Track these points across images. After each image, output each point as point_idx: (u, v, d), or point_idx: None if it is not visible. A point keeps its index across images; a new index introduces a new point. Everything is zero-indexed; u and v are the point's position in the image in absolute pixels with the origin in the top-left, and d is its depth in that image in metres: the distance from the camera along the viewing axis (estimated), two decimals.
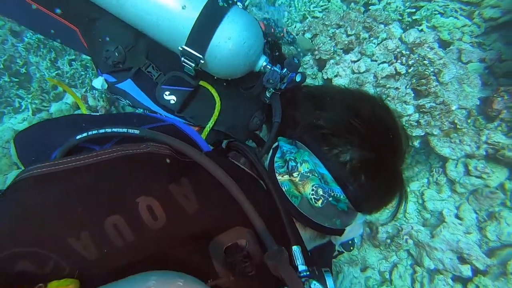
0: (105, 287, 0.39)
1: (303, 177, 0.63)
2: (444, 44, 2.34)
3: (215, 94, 0.97)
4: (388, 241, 2.07)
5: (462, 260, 1.90)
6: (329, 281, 0.48)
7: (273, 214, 0.58)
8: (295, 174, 0.63)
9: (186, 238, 0.49)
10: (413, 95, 2.07)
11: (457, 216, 2.08)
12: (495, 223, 1.93)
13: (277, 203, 0.60)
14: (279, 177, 0.65)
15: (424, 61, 2.01)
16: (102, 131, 0.57)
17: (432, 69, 2.02)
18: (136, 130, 0.57)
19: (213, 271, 0.47)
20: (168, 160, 0.55)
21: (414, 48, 2.04)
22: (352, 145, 0.63)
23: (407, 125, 2.06)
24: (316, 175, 0.63)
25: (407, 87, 2.06)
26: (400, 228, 2.05)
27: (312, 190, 0.62)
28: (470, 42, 2.34)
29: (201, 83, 0.98)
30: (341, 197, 0.62)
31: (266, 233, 0.51)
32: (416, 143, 2.18)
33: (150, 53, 0.96)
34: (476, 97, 2.18)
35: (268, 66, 0.89)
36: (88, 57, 2.61)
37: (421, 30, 2.25)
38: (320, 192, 0.62)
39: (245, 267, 0.49)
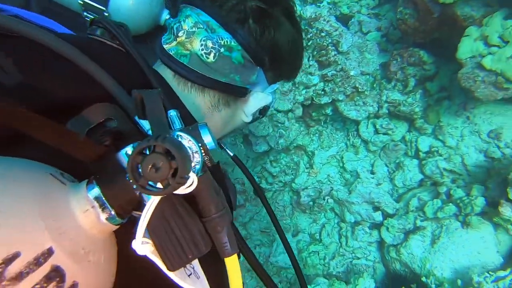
0: None
1: (189, 33, 0.61)
2: (345, 18, 2.53)
3: None
4: (311, 203, 2.21)
5: (375, 208, 2.09)
6: (204, 132, 0.39)
7: (142, 84, 0.51)
8: (180, 34, 0.61)
9: (11, 119, 0.38)
10: (317, 66, 2.23)
11: (371, 172, 2.26)
12: (401, 172, 2.13)
13: (145, 70, 0.53)
14: (166, 46, 0.62)
15: (322, 34, 2.17)
16: None
17: (330, 40, 2.19)
18: None
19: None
20: None
21: (311, 23, 2.20)
22: None
23: (314, 94, 2.21)
24: (201, 26, 0.60)
25: (310, 59, 2.22)
26: (320, 190, 2.20)
27: (201, 45, 0.60)
28: (367, 14, 2.55)
29: None
30: (232, 43, 0.60)
31: (127, 98, 0.43)
32: (328, 111, 2.34)
33: (45, 13, 0.96)
34: (376, 62, 2.39)
35: (171, 19, 0.95)
36: None
37: (321, 6, 2.43)
38: (210, 44, 0.59)
39: (102, 137, 0.41)
